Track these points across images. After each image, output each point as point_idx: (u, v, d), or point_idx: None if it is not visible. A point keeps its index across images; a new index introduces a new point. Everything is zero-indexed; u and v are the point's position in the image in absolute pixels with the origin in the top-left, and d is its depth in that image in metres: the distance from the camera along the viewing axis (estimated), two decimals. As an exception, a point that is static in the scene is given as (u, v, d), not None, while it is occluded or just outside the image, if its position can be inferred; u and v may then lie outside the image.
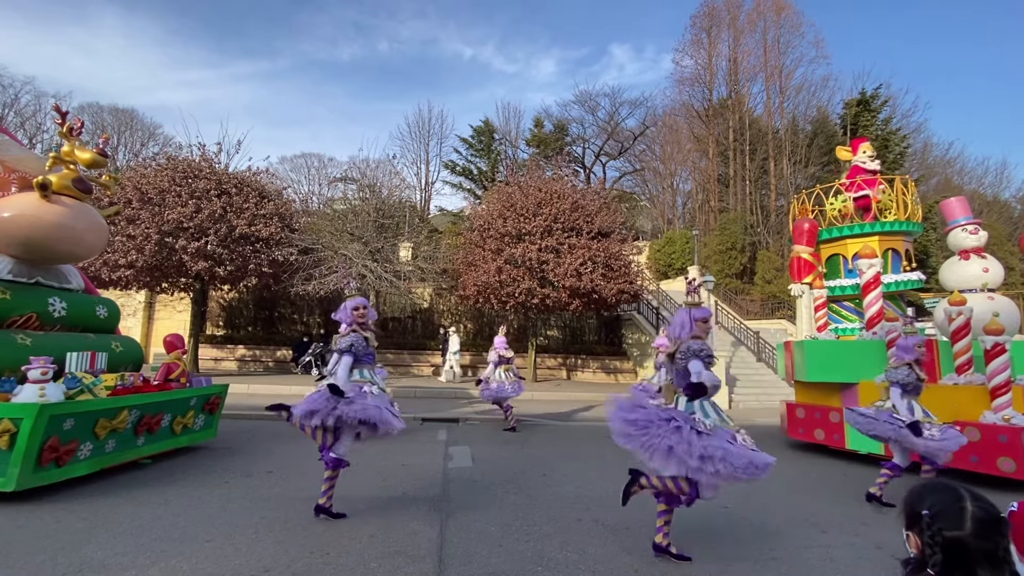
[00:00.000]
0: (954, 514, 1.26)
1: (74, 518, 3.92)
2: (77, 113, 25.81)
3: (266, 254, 15.47)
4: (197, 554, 3.33)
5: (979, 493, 1.30)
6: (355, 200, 19.13)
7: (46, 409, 4.34)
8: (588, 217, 16.29)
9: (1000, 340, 6.07)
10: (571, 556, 3.50)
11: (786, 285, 10.80)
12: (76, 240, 5.66)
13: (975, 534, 1.22)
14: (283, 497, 4.61)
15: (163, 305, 20.44)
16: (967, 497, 1.28)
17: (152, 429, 5.63)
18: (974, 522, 1.23)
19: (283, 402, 4.18)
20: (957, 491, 1.30)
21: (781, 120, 31.85)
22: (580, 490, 5.13)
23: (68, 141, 5.74)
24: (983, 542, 1.22)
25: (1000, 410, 6.00)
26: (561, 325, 21.65)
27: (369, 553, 3.43)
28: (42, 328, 5.62)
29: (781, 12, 32.55)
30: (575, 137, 36.98)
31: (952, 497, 1.29)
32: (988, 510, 1.26)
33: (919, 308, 17.09)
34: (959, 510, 1.26)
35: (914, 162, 31.69)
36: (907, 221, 9.06)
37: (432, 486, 5.16)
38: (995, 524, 1.24)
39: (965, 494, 1.29)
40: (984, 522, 1.23)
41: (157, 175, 14.98)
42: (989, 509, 1.26)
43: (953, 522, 1.25)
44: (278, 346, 19.65)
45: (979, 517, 1.24)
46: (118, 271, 14.17)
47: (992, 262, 8.32)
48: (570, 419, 10.70)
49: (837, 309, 9.39)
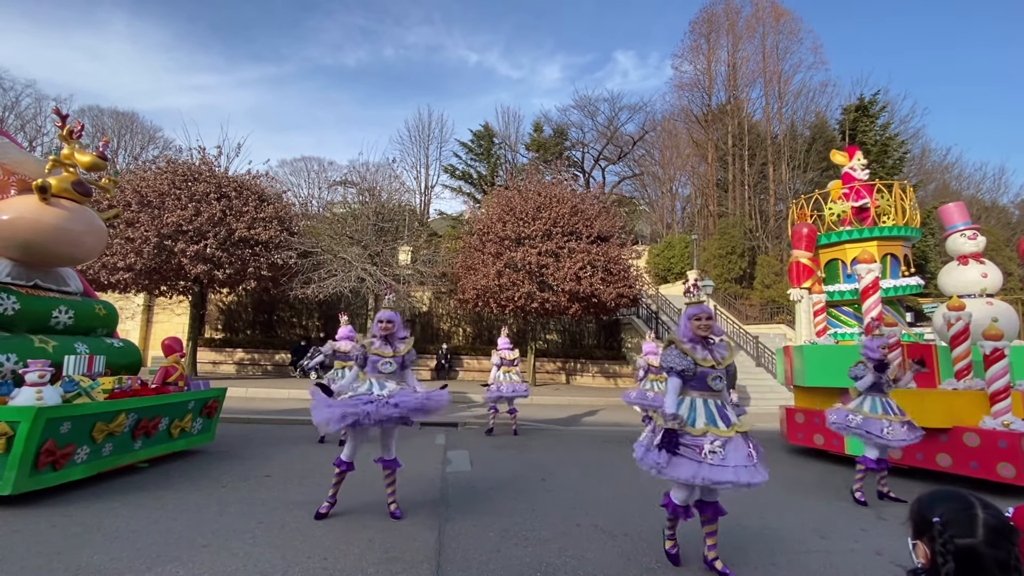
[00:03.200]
0: (966, 522, 1.24)
1: (70, 522, 3.90)
2: (77, 116, 25.90)
3: (265, 257, 15.47)
4: (194, 559, 3.31)
5: (988, 501, 1.29)
6: (355, 204, 19.18)
7: (43, 412, 4.32)
8: (587, 221, 16.31)
9: (999, 345, 6.07)
10: (570, 562, 3.48)
11: (785, 290, 10.81)
12: (75, 243, 5.66)
13: (987, 542, 1.21)
14: (281, 501, 4.58)
15: (161, 308, 20.43)
16: (978, 505, 1.27)
17: (149, 433, 5.61)
18: (986, 530, 1.22)
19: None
20: (967, 499, 1.29)
21: (780, 125, 32.00)
22: (579, 495, 5.11)
23: (68, 144, 5.75)
24: (995, 550, 1.21)
25: (999, 415, 5.99)
26: (560, 329, 21.65)
27: (367, 558, 3.42)
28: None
29: (780, 18, 32.76)
30: (575, 142, 37.15)
31: (963, 505, 1.28)
32: (999, 518, 1.25)
33: (918, 313, 17.12)
34: (971, 518, 1.25)
35: (912, 167, 31.81)
36: (905, 226, 9.08)
37: (430, 491, 5.14)
38: (1006, 532, 1.23)
39: (976, 502, 1.28)
40: (996, 530, 1.23)
41: (157, 178, 15.01)
42: (1000, 517, 1.26)
43: (965, 530, 1.24)
44: (277, 350, 19.62)
45: (991, 525, 1.23)
46: (117, 274, 14.17)
47: (990, 267, 8.34)
48: (569, 424, 10.68)
49: (836, 314, 9.39)
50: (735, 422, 3.29)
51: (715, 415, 3.29)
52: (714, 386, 3.33)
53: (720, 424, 3.26)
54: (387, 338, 4.37)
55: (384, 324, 4.35)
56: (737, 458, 3.16)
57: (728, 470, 3.11)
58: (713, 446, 3.17)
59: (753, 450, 3.23)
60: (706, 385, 3.33)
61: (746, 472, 3.13)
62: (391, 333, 4.37)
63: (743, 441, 3.25)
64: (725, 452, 3.16)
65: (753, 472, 3.15)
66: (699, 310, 3.38)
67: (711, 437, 3.20)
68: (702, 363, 3.31)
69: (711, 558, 3.36)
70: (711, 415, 3.29)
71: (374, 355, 4.30)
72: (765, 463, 3.28)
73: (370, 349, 4.32)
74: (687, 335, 3.40)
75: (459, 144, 36.15)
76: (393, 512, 4.21)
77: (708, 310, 3.40)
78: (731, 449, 3.18)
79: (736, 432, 3.25)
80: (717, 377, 3.32)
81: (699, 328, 3.34)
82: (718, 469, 3.12)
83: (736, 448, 3.19)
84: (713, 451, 3.15)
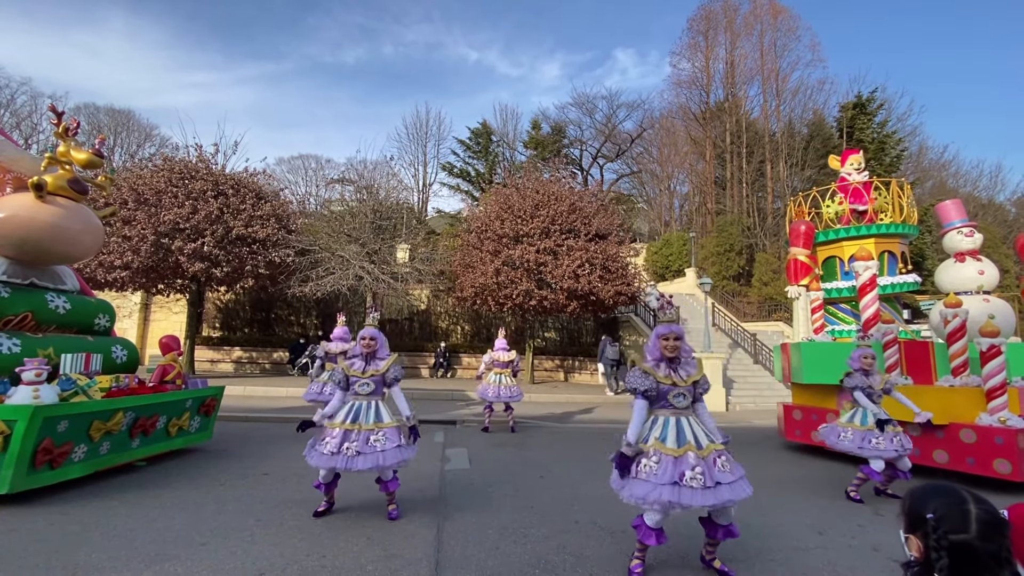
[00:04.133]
0: (959, 518, 1.26)
1: (68, 521, 3.89)
2: (73, 113, 25.78)
3: (263, 255, 15.42)
4: (192, 557, 3.30)
5: (980, 496, 1.31)
6: (352, 202, 19.12)
7: (40, 411, 4.31)
8: (586, 219, 16.31)
9: (996, 342, 6.09)
10: (568, 559, 3.49)
11: (783, 287, 10.83)
12: (71, 241, 5.63)
13: (980, 536, 1.23)
14: (279, 499, 4.58)
15: (159, 306, 20.37)
16: (970, 500, 1.29)
17: (147, 431, 5.60)
18: (979, 524, 1.24)
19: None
20: (960, 494, 1.31)
21: (778, 123, 32.00)
22: (577, 492, 5.12)
23: (64, 141, 5.72)
24: (988, 544, 1.22)
25: (996, 412, 6.01)
26: (559, 327, 21.66)
27: (366, 556, 3.42)
28: (39, 328, 5.58)
29: (777, 16, 32.75)
30: (572, 139, 37.08)
31: (955, 500, 1.30)
32: (991, 512, 1.27)
33: (915, 310, 17.18)
34: (964, 513, 1.26)
35: (909, 165, 31.85)
36: (903, 224, 9.10)
37: (429, 488, 5.14)
38: (998, 526, 1.25)
39: (968, 497, 1.29)
40: (988, 524, 1.24)
41: (153, 176, 14.94)
42: (992, 511, 1.27)
43: (958, 526, 1.25)
44: (275, 348, 19.60)
45: (983, 519, 1.25)
46: (114, 272, 14.11)
47: (987, 265, 8.36)
48: (567, 421, 10.69)
49: (834, 311, 9.42)
50: (688, 442, 3.17)
51: (669, 433, 3.20)
52: (676, 404, 3.26)
53: (671, 442, 3.17)
54: (369, 356, 4.31)
55: (367, 341, 4.28)
56: (667, 475, 3.05)
57: (649, 486, 3.05)
58: (650, 461, 3.12)
59: (703, 472, 3.07)
60: (668, 403, 3.27)
61: (672, 491, 3.02)
62: (373, 351, 4.31)
63: (692, 460, 3.10)
64: (658, 469, 3.08)
65: (688, 494, 3.01)
66: (668, 329, 3.31)
67: (652, 452, 3.15)
68: (663, 381, 3.26)
69: (709, 558, 3.37)
70: (665, 432, 3.21)
71: (352, 376, 4.25)
72: (740, 483, 3.16)
73: (348, 370, 4.27)
74: (654, 354, 3.35)
75: (457, 142, 36.13)
76: (390, 512, 4.19)
77: (679, 330, 3.32)
78: (665, 468, 3.07)
79: (689, 452, 3.13)
80: (679, 395, 3.26)
81: (667, 349, 3.29)
82: (641, 484, 3.08)
83: (676, 467, 3.08)
84: (649, 466, 3.10)
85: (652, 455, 3.14)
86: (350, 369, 4.28)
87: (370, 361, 4.31)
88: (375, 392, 4.27)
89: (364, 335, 4.32)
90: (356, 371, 4.26)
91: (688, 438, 3.20)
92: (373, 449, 4.00)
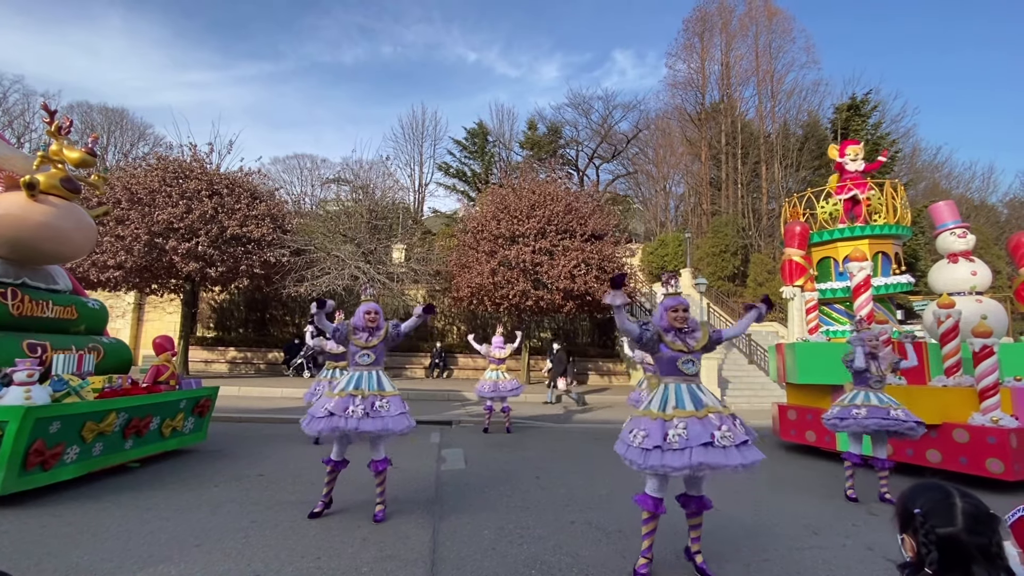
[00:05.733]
0: (945, 511, 1.28)
1: (60, 523, 3.86)
2: (66, 112, 25.51)
3: (258, 255, 15.36)
4: (186, 559, 3.28)
5: (967, 491, 1.33)
6: (348, 201, 19.07)
7: (32, 412, 4.27)
8: (581, 219, 16.33)
9: (988, 342, 6.14)
10: (564, 559, 3.48)
11: (778, 288, 10.87)
12: (63, 240, 5.59)
13: (967, 529, 1.25)
14: (274, 501, 4.56)
15: (153, 306, 20.24)
16: (956, 494, 1.31)
17: (140, 432, 5.55)
18: (965, 517, 1.26)
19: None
20: (945, 488, 1.34)
21: (773, 124, 32.13)
22: (573, 492, 5.12)
23: (56, 140, 5.67)
24: (976, 537, 1.24)
25: (988, 412, 6.06)
26: (555, 327, 21.66)
27: (361, 557, 3.40)
28: (31, 307, 5.50)
29: (773, 17, 32.89)
30: (568, 140, 37.06)
31: (941, 495, 1.32)
32: (977, 505, 1.29)
33: (908, 311, 17.28)
34: (949, 507, 1.29)
35: (903, 166, 32.05)
36: (896, 225, 9.16)
37: (425, 489, 5.13)
38: (985, 519, 1.26)
39: (954, 491, 1.32)
40: (974, 517, 1.26)
41: (147, 175, 14.86)
42: (978, 504, 1.29)
43: (945, 519, 1.27)
44: (269, 348, 19.51)
45: (969, 512, 1.27)
46: (107, 272, 14.02)
47: (980, 265, 8.43)
48: (563, 421, 10.70)
49: (828, 311, 9.46)
50: (707, 404, 3.22)
51: (685, 398, 3.24)
52: (685, 370, 3.33)
53: (689, 406, 3.20)
54: (372, 329, 4.40)
55: (372, 315, 4.37)
56: (700, 437, 3.04)
57: (684, 454, 3.03)
58: (677, 429, 3.11)
59: (729, 431, 3.10)
60: (676, 369, 3.33)
61: (706, 453, 3.01)
62: (376, 324, 4.40)
63: (716, 421, 3.13)
64: (688, 434, 3.07)
65: (721, 454, 3.02)
66: (676, 301, 3.42)
67: (677, 421, 3.15)
68: (671, 346, 3.33)
69: (693, 550, 3.36)
70: (681, 398, 3.25)
71: (355, 346, 4.34)
72: (751, 447, 3.15)
73: (353, 340, 4.35)
74: (663, 325, 3.42)
75: (453, 142, 36.02)
76: (376, 514, 4.14)
77: (684, 302, 3.44)
78: (695, 431, 3.08)
79: (710, 413, 3.16)
80: (688, 361, 3.35)
81: (675, 319, 3.37)
82: (675, 454, 3.05)
83: (704, 428, 3.08)
84: (678, 434, 3.09)
85: (677, 423, 3.14)
86: (357, 340, 4.35)
87: (373, 333, 4.40)
88: (376, 362, 4.37)
89: (368, 309, 4.40)
90: (360, 341, 4.34)
91: (707, 401, 3.27)
92: (379, 414, 4.08)
